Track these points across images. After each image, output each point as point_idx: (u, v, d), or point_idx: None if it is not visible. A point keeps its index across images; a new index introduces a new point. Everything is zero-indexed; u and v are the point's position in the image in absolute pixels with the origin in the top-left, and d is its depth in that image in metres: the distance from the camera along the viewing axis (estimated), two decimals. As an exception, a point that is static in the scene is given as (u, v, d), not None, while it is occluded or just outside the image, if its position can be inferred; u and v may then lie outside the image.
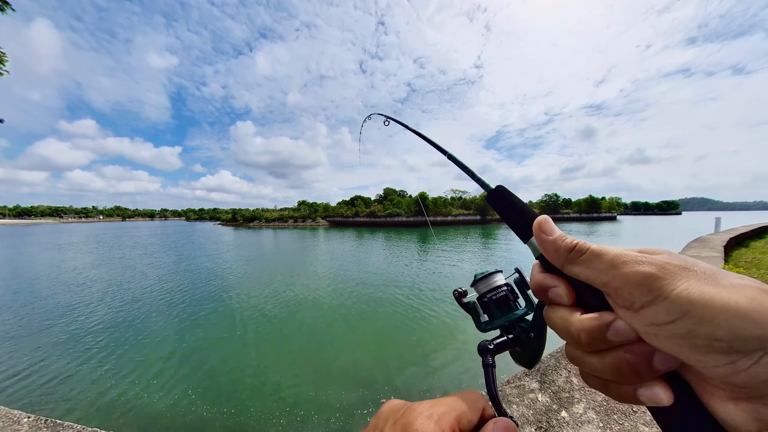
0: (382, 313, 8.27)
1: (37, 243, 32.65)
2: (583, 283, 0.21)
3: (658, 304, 0.16)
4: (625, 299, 0.18)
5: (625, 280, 0.17)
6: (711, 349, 0.14)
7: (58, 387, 4.87)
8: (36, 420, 1.85)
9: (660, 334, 0.16)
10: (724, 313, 0.14)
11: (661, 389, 0.17)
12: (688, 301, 0.15)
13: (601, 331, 0.19)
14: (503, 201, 0.32)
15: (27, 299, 10.11)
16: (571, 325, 0.21)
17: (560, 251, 0.23)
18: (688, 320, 0.15)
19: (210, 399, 4.40)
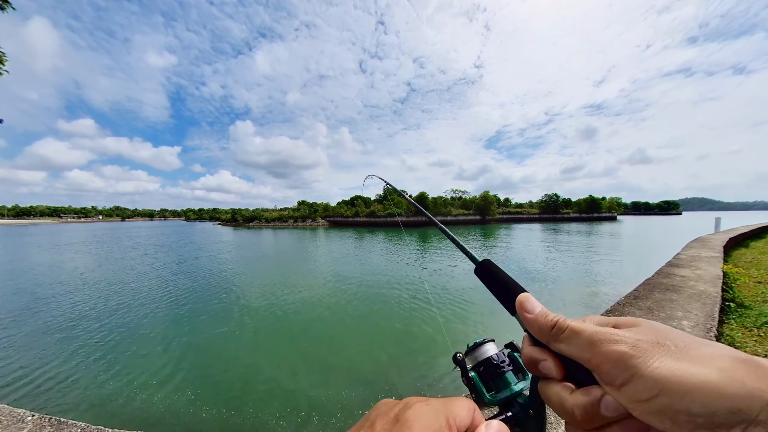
0: (382, 313, 8.27)
1: (36, 243, 32.63)
2: (577, 363, 0.22)
3: (636, 381, 0.16)
4: (607, 376, 0.18)
5: (604, 357, 0.18)
6: (694, 424, 0.14)
7: (61, 386, 4.88)
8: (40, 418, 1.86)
9: (645, 410, 0.16)
10: (697, 390, 0.14)
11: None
12: (662, 378, 0.15)
13: (593, 407, 0.19)
14: (489, 275, 0.34)
15: (28, 300, 10.11)
16: (565, 401, 0.21)
17: (543, 330, 0.24)
18: (665, 397, 0.15)
19: (209, 399, 4.41)
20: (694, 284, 4.17)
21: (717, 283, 4.19)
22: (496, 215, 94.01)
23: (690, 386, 0.14)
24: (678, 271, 5.05)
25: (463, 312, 8.18)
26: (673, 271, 5.05)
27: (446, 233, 0.49)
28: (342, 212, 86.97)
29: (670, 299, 3.48)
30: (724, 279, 4.56)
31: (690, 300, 3.44)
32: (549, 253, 19.65)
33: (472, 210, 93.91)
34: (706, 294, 3.70)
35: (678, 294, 3.69)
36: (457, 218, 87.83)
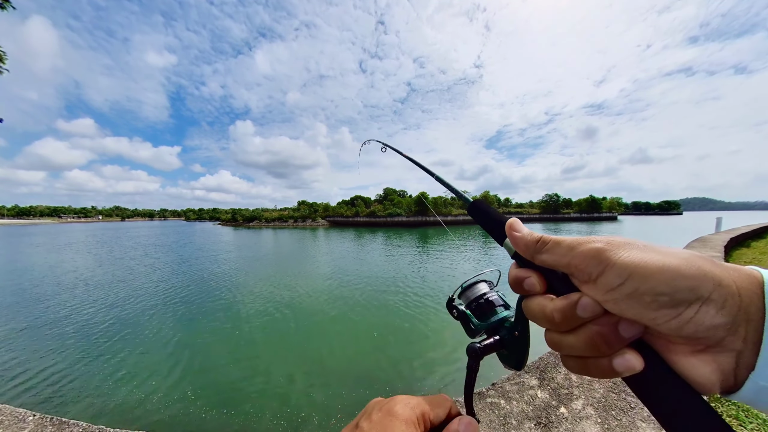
0: (382, 313, 8.28)
1: (37, 243, 32.67)
2: (552, 272, 0.26)
3: (609, 271, 0.20)
4: (584, 273, 0.22)
5: (582, 257, 0.22)
6: (658, 304, 0.18)
7: (62, 386, 4.89)
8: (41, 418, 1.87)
9: (616, 299, 0.20)
10: (661, 272, 0.18)
11: (632, 356, 0.20)
12: (631, 264, 0.19)
13: (571, 309, 0.22)
14: (480, 211, 0.38)
15: (29, 300, 10.13)
16: (545, 308, 0.25)
17: (529, 244, 0.27)
18: (633, 281, 0.19)
19: (209, 399, 4.41)
20: (693, 283, 4.16)
21: (717, 283, 4.19)
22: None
23: (654, 269, 0.18)
24: (678, 270, 5.04)
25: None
26: (673, 270, 5.04)
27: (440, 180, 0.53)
28: (342, 212, 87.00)
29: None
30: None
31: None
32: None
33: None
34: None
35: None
36: (457, 218, 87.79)
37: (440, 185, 0.54)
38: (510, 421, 1.66)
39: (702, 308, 0.17)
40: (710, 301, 0.17)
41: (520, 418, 1.68)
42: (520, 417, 1.69)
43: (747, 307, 0.17)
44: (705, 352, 0.19)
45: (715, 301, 0.17)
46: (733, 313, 0.17)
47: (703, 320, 0.18)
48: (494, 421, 1.65)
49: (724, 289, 0.17)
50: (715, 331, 0.18)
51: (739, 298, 0.17)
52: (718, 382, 0.19)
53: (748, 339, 0.17)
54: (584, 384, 1.96)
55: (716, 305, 0.17)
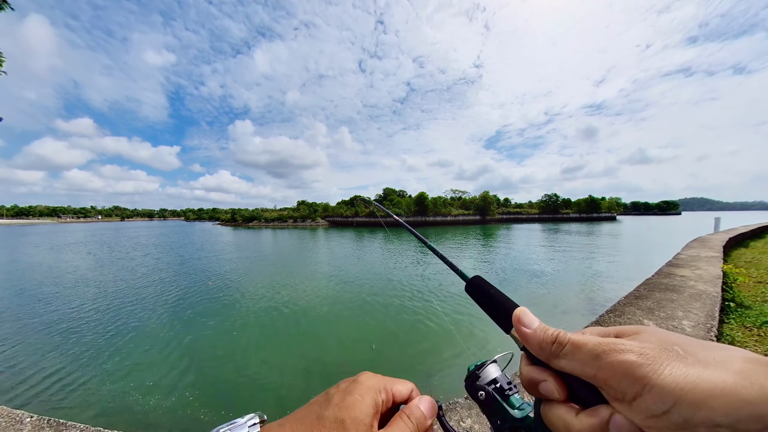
0: (381, 313, 8.27)
1: (36, 243, 32.58)
2: (580, 380, 0.20)
3: (648, 393, 0.15)
4: (615, 391, 0.16)
5: (611, 371, 0.16)
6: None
7: (60, 387, 4.87)
8: (39, 420, 1.85)
9: (661, 426, 0.14)
10: (716, 397, 0.13)
11: None
12: (676, 386, 0.14)
13: (602, 429, 0.17)
14: (480, 291, 0.32)
15: (27, 301, 10.09)
16: (570, 425, 0.19)
17: (543, 346, 0.22)
18: (681, 408, 0.13)
19: (208, 400, 4.39)
20: (694, 284, 4.16)
21: (717, 283, 4.19)
22: (496, 215, 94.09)
23: (708, 393, 0.13)
24: (678, 271, 5.05)
25: (464, 313, 8.17)
26: (673, 270, 5.05)
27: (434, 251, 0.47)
28: (342, 212, 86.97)
29: (671, 299, 3.47)
30: (723, 279, 4.56)
31: (690, 300, 3.44)
32: (549, 253, 19.66)
33: (472, 210, 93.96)
34: (707, 294, 3.70)
35: (678, 294, 3.68)
36: (456, 218, 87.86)
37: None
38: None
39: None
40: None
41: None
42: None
43: None
44: None
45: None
46: None
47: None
48: (496, 424, 1.63)
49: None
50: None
51: None
52: None
53: None
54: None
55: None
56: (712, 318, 2.89)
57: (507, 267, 15.39)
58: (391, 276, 13.07)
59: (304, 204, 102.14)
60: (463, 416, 1.69)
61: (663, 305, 3.26)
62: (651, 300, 3.49)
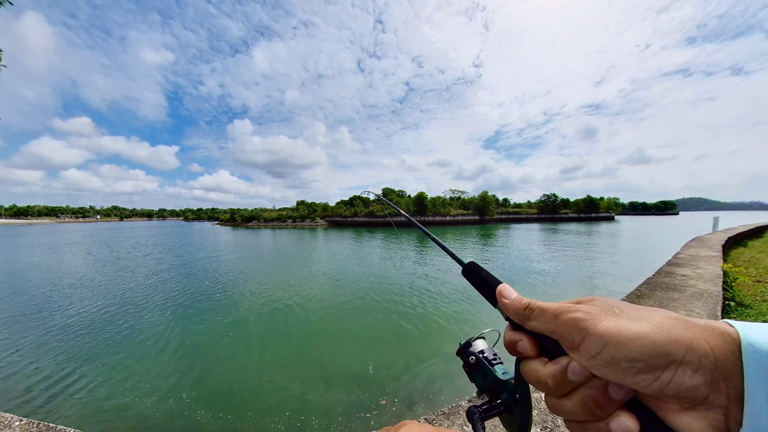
0: (381, 314, 8.23)
1: (35, 243, 32.39)
2: (543, 335, 0.27)
3: (587, 339, 0.21)
4: (568, 341, 0.24)
5: (564, 325, 0.24)
6: (636, 369, 0.19)
7: (51, 390, 4.80)
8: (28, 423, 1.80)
9: (599, 365, 0.21)
10: (634, 340, 0.19)
11: (626, 418, 0.21)
12: (606, 333, 0.20)
13: (562, 373, 0.24)
14: (473, 274, 0.39)
15: (21, 301, 10.00)
16: (539, 372, 0.26)
17: (518, 311, 0.29)
18: (609, 349, 0.20)
19: (205, 403, 4.33)
20: (695, 283, 4.14)
21: (717, 282, 4.17)
22: (495, 215, 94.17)
23: (627, 337, 0.19)
24: (678, 270, 5.03)
25: (463, 317, 8.15)
26: (674, 270, 5.03)
27: (434, 239, 0.55)
28: (341, 212, 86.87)
29: (673, 298, 3.45)
30: (724, 278, 4.54)
31: (692, 299, 3.41)
32: (548, 253, 19.67)
33: (471, 210, 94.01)
34: (708, 293, 3.68)
35: (680, 293, 3.66)
36: (455, 218, 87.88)
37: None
38: (514, 425, 1.60)
39: (678, 370, 0.18)
40: (685, 364, 0.18)
41: (525, 423, 1.62)
42: (524, 421, 1.63)
43: (723, 366, 0.18)
44: (694, 410, 0.19)
45: (690, 363, 0.18)
46: (709, 371, 0.18)
47: (681, 381, 0.18)
48: (499, 426, 1.59)
49: (696, 351, 0.18)
50: (697, 390, 0.18)
51: (713, 356, 0.18)
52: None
53: (731, 395, 0.18)
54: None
55: (691, 367, 0.18)
56: (714, 317, 2.86)
57: (506, 267, 15.38)
58: (391, 276, 13.03)
59: (303, 204, 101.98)
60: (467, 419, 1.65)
61: (665, 305, 3.23)
62: (653, 299, 3.47)
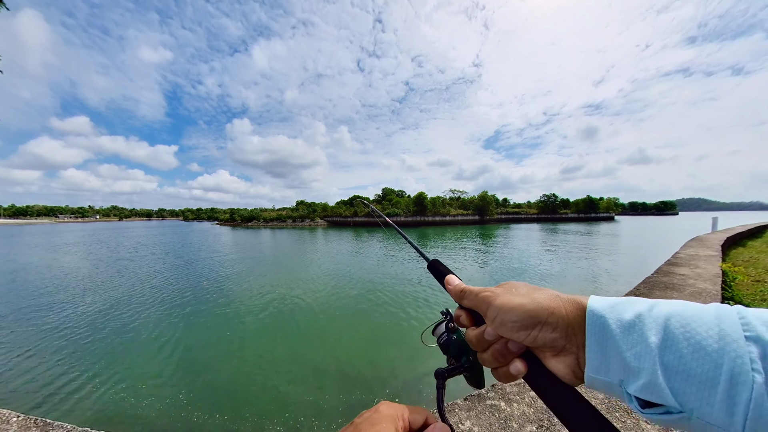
0: (380, 314, 8.23)
1: (35, 243, 32.35)
2: (473, 310, 0.38)
3: (490, 309, 0.33)
4: (482, 310, 0.35)
5: (480, 301, 0.35)
6: (516, 327, 0.31)
7: (48, 387, 4.80)
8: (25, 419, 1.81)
9: (497, 326, 0.33)
10: (514, 309, 0.31)
11: (519, 362, 0.32)
12: (499, 304, 0.32)
13: (481, 335, 0.35)
14: (435, 269, 0.52)
15: (19, 300, 9.99)
16: (470, 336, 0.37)
17: (456, 294, 0.41)
18: (501, 314, 0.32)
19: (203, 403, 4.31)
20: (694, 282, 4.14)
21: (717, 282, 4.18)
22: (495, 215, 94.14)
23: (510, 307, 0.31)
24: (677, 269, 5.03)
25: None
26: (673, 269, 5.03)
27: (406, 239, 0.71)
28: (341, 212, 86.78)
29: (671, 297, 3.44)
30: (723, 277, 4.54)
31: (691, 298, 3.41)
32: (547, 253, 19.67)
33: (471, 210, 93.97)
34: (707, 292, 3.68)
35: (679, 292, 3.66)
36: (455, 218, 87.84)
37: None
38: (511, 424, 1.61)
39: (543, 329, 0.29)
40: (547, 324, 0.29)
41: (522, 421, 1.63)
42: (521, 420, 1.64)
43: (573, 325, 0.28)
44: (558, 356, 0.30)
45: (551, 324, 0.29)
46: (564, 329, 0.28)
47: (545, 336, 0.29)
48: (494, 425, 1.59)
49: (555, 315, 0.29)
50: (557, 342, 0.29)
51: (567, 318, 0.28)
52: (572, 375, 0.29)
53: (579, 346, 0.28)
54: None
55: (551, 326, 0.29)
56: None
57: (506, 267, 15.37)
58: (390, 276, 13.03)
59: (302, 204, 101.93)
60: (462, 418, 1.65)
61: (663, 304, 3.22)
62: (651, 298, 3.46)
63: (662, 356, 0.21)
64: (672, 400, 0.20)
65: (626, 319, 0.25)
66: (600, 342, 0.25)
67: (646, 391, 0.22)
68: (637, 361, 0.22)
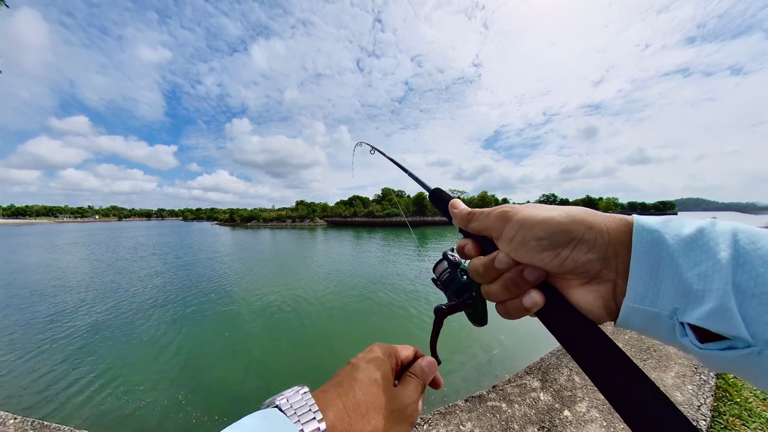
0: (380, 313, 8.22)
1: (34, 244, 32.30)
2: (483, 237, 0.33)
3: (507, 226, 0.28)
4: (495, 231, 0.30)
5: (492, 219, 0.30)
6: (541, 247, 0.25)
7: (45, 389, 4.77)
8: (22, 422, 1.79)
9: (514, 248, 0.27)
10: (541, 222, 0.25)
11: (535, 293, 0.27)
12: (521, 218, 0.27)
13: (491, 262, 0.30)
14: (437, 197, 0.46)
15: (18, 300, 9.96)
16: (476, 265, 0.32)
17: (463, 217, 0.36)
18: (522, 230, 0.26)
19: (201, 404, 4.29)
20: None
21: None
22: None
23: (536, 221, 0.25)
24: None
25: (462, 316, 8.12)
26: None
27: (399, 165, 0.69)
28: (340, 212, 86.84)
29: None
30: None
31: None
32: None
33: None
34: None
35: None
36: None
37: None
38: (512, 425, 1.59)
39: (577, 247, 0.23)
40: (582, 241, 0.23)
41: (523, 423, 1.61)
42: (522, 421, 1.62)
43: (615, 244, 0.22)
44: (589, 284, 0.24)
45: (587, 241, 0.23)
46: (603, 249, 0.23)
47: (578, 257, 0.23)
48: (495, 426, 1.58)
49: (594, 231, 0.23)
50: (591, 265, 0.23)
51: (608, 236, 0.23)
52: (604, 308, 0.24)
53: (619, 270, 0.22)
54: (588, 385, 1.90)
55: (588, 244, 0.23)
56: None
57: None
58: (390, 276, 13.02)
59: (302, 204, 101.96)
60: (463, 419, 1.64)
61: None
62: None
63: (735, 275, 0.18)
64: (743, 330, 0.16)
65: (686, 233, 0.20)
66: (651, 262, 0.20)
67: (711, 320, 0.17)
68: (702, 282, 0.18)
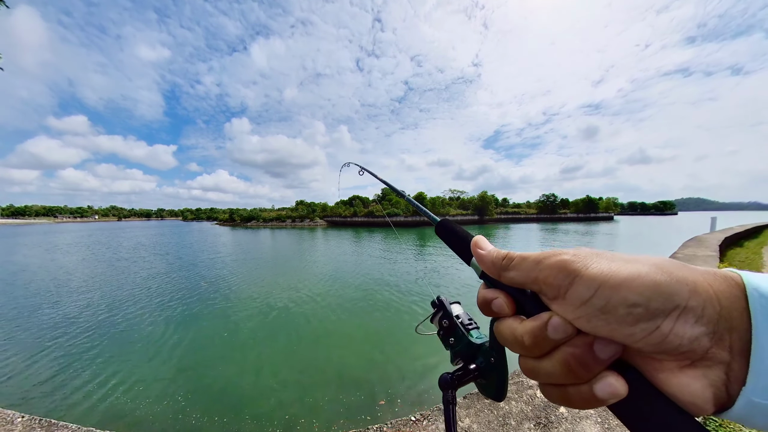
0: (379, 314, 8.25)
1: (33, 244, 32.31)
2: (521, 291, 0.23)
3: (577, 283, 0.18)
4: (552, 287, 0.20)
5: (549, 270, 0.20)
6: (634, 317, 0.16)
7: (51, 388, 4.82)
8: (30, 420, 1.83)
9: (589, 314, 0.17)
10: (633, 280, 0.16)
11: (614, 379, 0.17)
12: (600, 274, 0.17)
13: (541, 330, 0.20)
14: (446, 230, 0.37)
15: (19, 301, 9.99)
16: (515, 331, 0.22)
17: (495, 262, 0.25)
18: (603, 291, 0.17)
19: (201, 405, 4.30)
20: (691, 283, 4.17)
21: (714, 282, 4.20)
22: (494, 215, 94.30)
23: (624, 277, 0.16)
24: (675, 269, 5.06)
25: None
26: (670, 269, 5.06)
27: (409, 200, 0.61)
28: (340, 212, 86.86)
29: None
30: (720, 277, 4.57)
31: (687, 298, 3.44)
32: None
33: (470, 210, 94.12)
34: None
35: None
36: (455, 218, 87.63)
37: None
38: (509, 421, 1.64)
39: (681, 317, 0.16)
40: (688, 310, 0.16)
41: (520, 419, 1.65)
42: (519, 417, 1.67)
43: (728, 314, 0.16)
44: (692, 367, 0.16)
45: (694, 309, 0.16)
46: (714, 320, 0.16)
47: (684, 331, 0.16)
48: (493, 422, 1.62)
49: (700, 295, 0.16)
50: (699, 342, 0.16)
51: (718, 303, 0.16)
52: (711, 400, 0.16)
53: (734, 349, 0.16)
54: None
55: (695, 313, 0.16)
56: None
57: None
58: (390, 276, 13.05)
59: (302, 204, 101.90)
60: (461, 415, 1.68)
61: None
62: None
63: None
64: None
65: None
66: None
67: None
68: None
